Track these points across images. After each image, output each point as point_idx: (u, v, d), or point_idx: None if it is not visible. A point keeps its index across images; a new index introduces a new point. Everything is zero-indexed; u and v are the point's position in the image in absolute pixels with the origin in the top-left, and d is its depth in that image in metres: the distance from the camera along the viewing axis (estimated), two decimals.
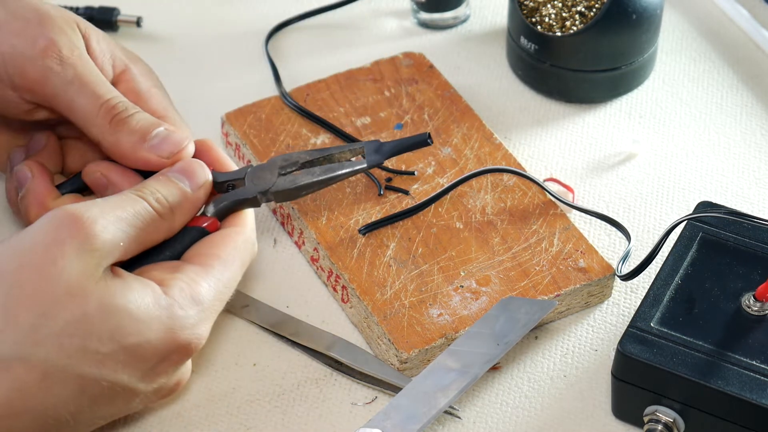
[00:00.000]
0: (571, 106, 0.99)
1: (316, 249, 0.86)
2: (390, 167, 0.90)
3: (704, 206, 0.83)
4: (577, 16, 0.95)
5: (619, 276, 0.84)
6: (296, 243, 0.89)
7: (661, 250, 0.82)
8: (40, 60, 0.78)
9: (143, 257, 0.74)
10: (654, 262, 0.82)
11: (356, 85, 0.97)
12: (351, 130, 0.93)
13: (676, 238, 0.82)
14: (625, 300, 0.86)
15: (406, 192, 0.89)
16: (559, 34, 0.96)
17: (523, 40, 0.97)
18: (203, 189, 0.77)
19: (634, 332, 0.76)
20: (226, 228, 0.76)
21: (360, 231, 0.86)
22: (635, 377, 0.76)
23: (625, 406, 0.78)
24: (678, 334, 0.76)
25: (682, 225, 0.82)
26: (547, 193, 0.89)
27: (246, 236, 0.76)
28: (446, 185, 0.88)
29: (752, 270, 0.79)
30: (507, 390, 0.81)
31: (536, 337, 0.84)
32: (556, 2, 0.96)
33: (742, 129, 0.98)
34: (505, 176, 0.90)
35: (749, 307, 0.77)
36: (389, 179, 0.90)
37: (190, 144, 0.79)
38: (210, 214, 0.76)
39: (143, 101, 0.81)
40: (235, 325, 0.84)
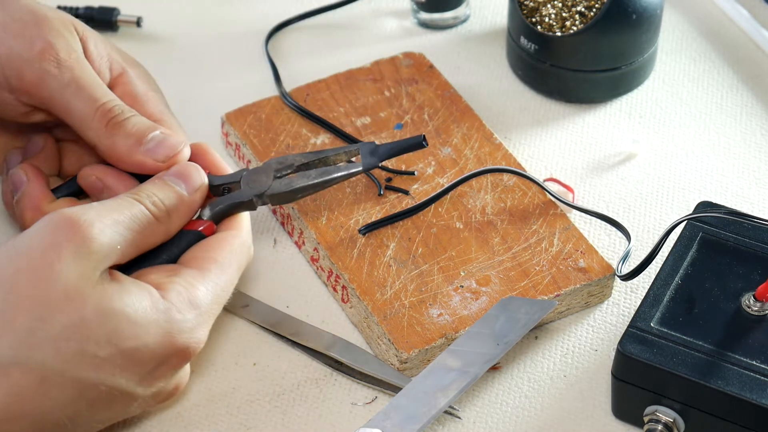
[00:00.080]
0: (571, 106, 0.99)
1: (316, 249, 0.86)
2: (390, 167, 0.90)
3: (704, 206, 0.83)
4: (577, 16, 0.95)
5: (619, 276, 0.84)
6: (296, 243, 0.89)
7: (661, 250, 0.82)
8: (37, 63, 0.78)
9: (140, 261, 0.74)
10: (654, 262, 0.82)
11: (356, 85, 0.97)
12: (351, 130, 0.93)
13: (676, 238, 0.82)
14: (625, 300, 0.86)
15: (406, 192, 0.89)
16: (559, 34, 0.96)
17: (523, 40, 0.97)
18: (199, 192, 0.77)
19: (634, 332, 0.76)
20: (223, 231, 0.76)
21: (360, 231, 0.86)
22: (635, 377, 0.76)
23: (625, 406, 0.78)
24: (678, 334, 0.76)
25: (682, 225, 0.82)
26: (547, 193, 0.89)
27: (242, 239, 0.76)
28: (446, 185, 0.88)
29: (752, 270, 0.79)
30: (507, 390, 0.81)
31: (536, 337, 0.84)
32: (556, 2, 0.96)
33: (742, 129, 0.98)
34: (505, 176, 0.90)
35: (749, 307, 0.77)
36: (389, 179, 0.90)
37: (186, 147, 0.79)
38: (206, 217, 0.77)
39: (140, 104, 0.81)
40: (235, 325, 0.84)
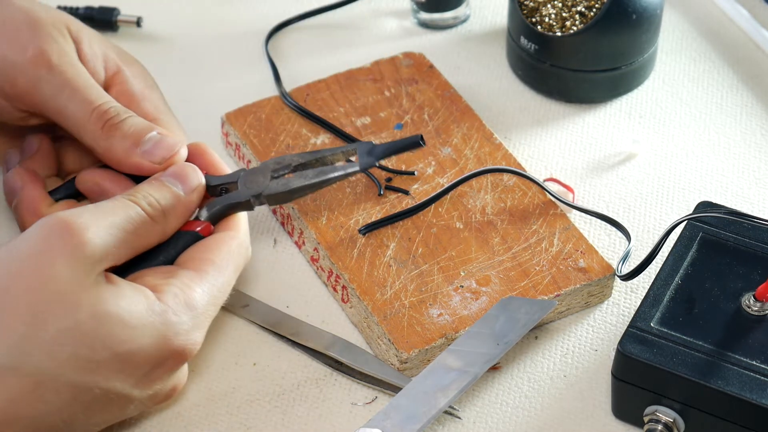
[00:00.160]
0: (571, 106, 0.99)
1: (316, 249, 0.86)
2: (390, 167, 0.90)
3: (704, 206, 0.83)
4: (577, 16, 0.95)
5: (619, 276, 0.84)
6: (296, 243, 0.89)
7: (661, 250, 0.82)
8: (30, 69, 0.78)
9: (137, 262, 0.73)
10: (654, 262, 0.82)
11: (356, 85, 0.97)
12: (351, 130, 0.93)
13: (676, 238, 0.82)
14: (625, 300, 0.86)
15: (406, 192, 0.89)
16: (559, 34, 0.96)
17: (523, 40, 0.97)
18: (196, 193, 0.76)
19: (634, 332, 0.76)
20: (220, 232, 0.76)
21: (360, 231, 0.86)
22: (635, 377, 0.76)
23: (625, 406, 0.78)
24: (678, 334, 0.76)
25: (682, 225, 0.82)
26: (547, 193, 0.89)
27: (240, 240, 0.76)
28: (446, 185, 0.88)
29: (752, 270, 0.79)
30: (507, 390, 0.81)
31: (536, 337, 0.84)
32: (556, 2, 0.96)
33: (742, 129, 0.98)
34: (505, 176, 0.90)
35: (749, 307, 0.77)
36: (389, 179, 0.90)
37: (183, 148, 0.78)
38: (203, 218, 0.76)
39: (136, 103, 0.81)
40: (235, 325, 0.84)
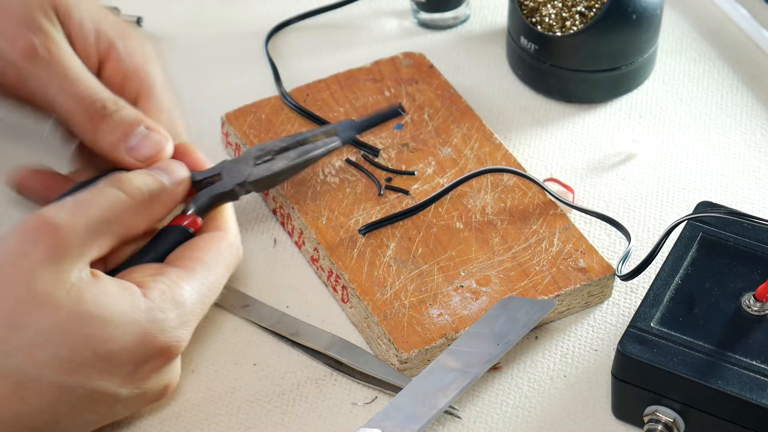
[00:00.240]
0: (571, 106, 0.99)
1: (316, 249, 0.86)
2: (390, 167, 0.90)
3: (704, 206, 0.83)
4: (577, 16, 0.95)
5: (619, 276, 0.84)
6: (296, 243, 0.89)
7: (661, 250, 0.82)
8: (19, 62, 0.77)
9: (126, 260, 0.73)
10: (654, 262, 0.82)
11: (356, 85, 0.97)
12: None
13: (676, 238, 0.82)
14: (625, 300, 0.86)
15: (406, 192, 0.89)
16: (559, 34, 0.96)
17: (523, 40, 0.97)
18: (182, 185, 0.76)
19: (634, 332, 0.76)
20: (209, 232, 0.76)
21: (360, 231, 0.86)
22: (635, 377, 0.76)
23: (625, 406, 0.78)
24: (678, 334, 0.76)
25: (682, 225, 0.82)
26: (547, 193, 0.89)
27: (230, 241, 0.76)
28: (446, 185, 0.88)
29: (752, 270, 0.79)
30: (507, 390, 0.81)
31: (536, 337, 0.84)
32: (556, 2, 0.96)
33: (742, 129, 0.98)
34: (505, 176, 0.90)
35: (749, 307, 0.77)
36: (389, 179, 0.90)
37: (169, 145, 0.77)
38: (189, 212, 0.76)
39: (129, 81, 0.80)
40: (235, 325, 0.84)
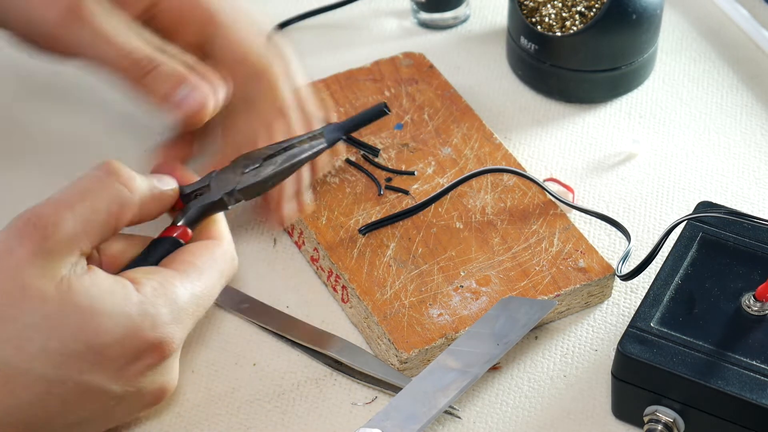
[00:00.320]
0: (571, 106, 0.99)
1: (316, 249, 0.86)
2: (390, 167, 0.90)
3: (704, 206, 0.83)
4: (577, 16, 0.95)
5: (619, 276, 0.84)
6: (296, 243, 0.89)
7: (661, 250, 0.82)
8: (63, 24, 0.80)
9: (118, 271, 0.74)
10: (654, 262, 0.82)
11: (356, 85, 0.97)
12: None
13: (676, 238, 0.82)
14: (625, 300, 0.86)
15: (406, 192, 0.89)
16: (559, 34, 0.96)
17: (523, 40, 0.97)
18: (170, 193, 0.76)
19: (634, 332, 0.76)
20: (202, 240, 0.76)
21: (360, 231, 0.86)
22: (635, 377, 0.76)
23: (625, 406, 0.78)
24: (678, 334, 0.76)
25: (682, 225, 0.82)
26: (547, 193, 0.89)
27: (224, 249, 0.76)
28: (446, 185, 0.88)
29: (752, 270, 0.79)
30: (507, 390, 0.81)
31: (536, 337, 0.84)
32: (556, 2, 0.96)
33: (742, 129, 0.98)
34: (505, 176, 0.90)
35: (749, 307, 0.77)
36: (389, 179, 0.90)
37: (219, 93, 0.81)
38: (179, 224, 0.76)
39: (180, 26, 0.84)
40: (235, 325, 0.84)
